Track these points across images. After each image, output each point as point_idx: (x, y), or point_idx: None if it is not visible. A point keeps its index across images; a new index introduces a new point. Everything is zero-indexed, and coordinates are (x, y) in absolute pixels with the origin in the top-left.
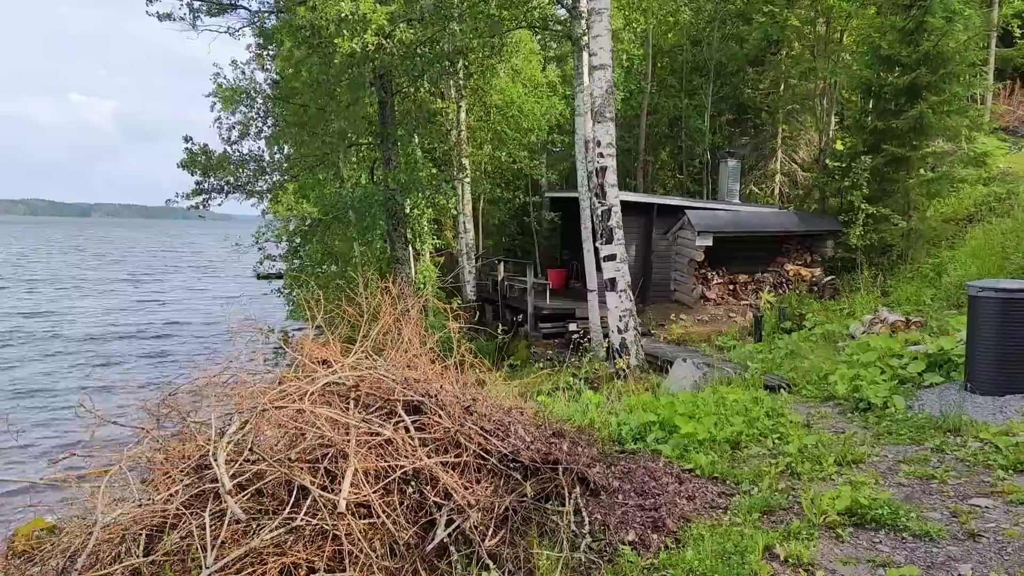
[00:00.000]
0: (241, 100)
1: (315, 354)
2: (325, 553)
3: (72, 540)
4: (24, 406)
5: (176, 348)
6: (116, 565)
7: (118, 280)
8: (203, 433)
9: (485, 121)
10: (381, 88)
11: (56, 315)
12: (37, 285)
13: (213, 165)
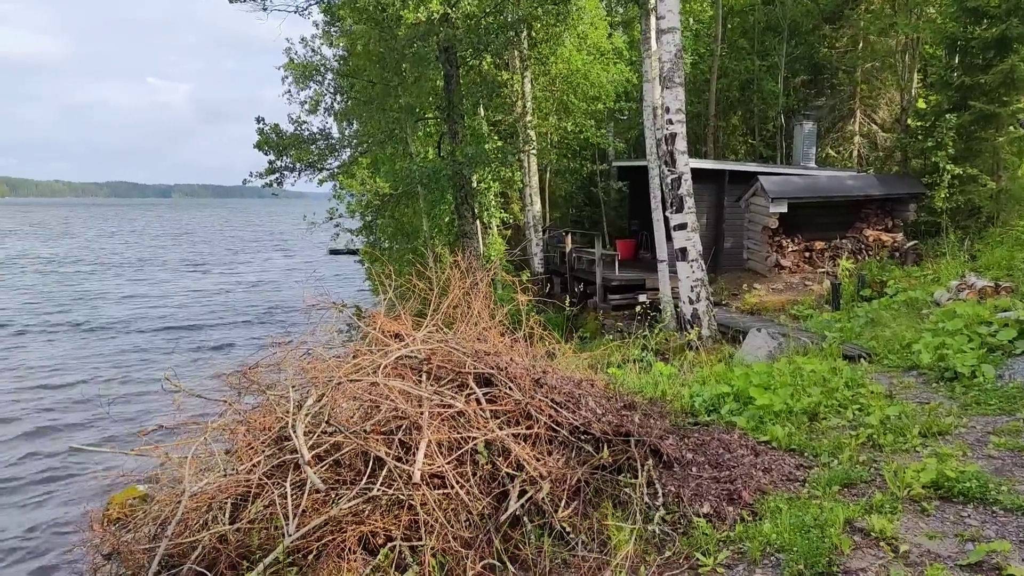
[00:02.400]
0: (311, 76)
1: (387, 328)
2: (402, 522)
3: (163, 508)
4: (116, 381)
5: (254, 323)
6: (204, 532)
7: (200, 259)
8: (282, 406)
9: (550, 91)
10: (446, 61)
11: (144, 295)
12: (127, 267)
13: (285, 144)
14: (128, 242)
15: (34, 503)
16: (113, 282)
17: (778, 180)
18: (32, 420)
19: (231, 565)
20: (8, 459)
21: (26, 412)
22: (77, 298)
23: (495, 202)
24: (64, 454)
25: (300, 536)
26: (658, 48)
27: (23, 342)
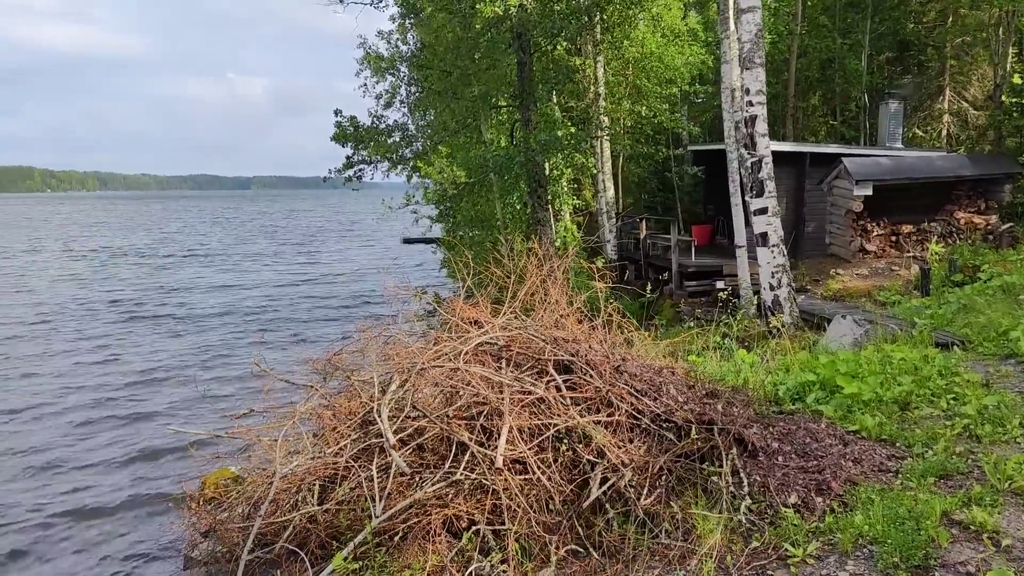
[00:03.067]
0: (387, 68)
1: (466, 315)
2: (485, 507)
3: (255, 489)
4: (209, 367)
5: (336, 310)
6: (294, 512)
7: (280, 249)
8: (366, 391)
9: (623, 75)
10: (519, 48)
11: (231, 284)
12: (213, 257)
13: (361, 136)
14: (211, 233)
15: (135, 481)
16: (201, 272)
17: (863, 161)
18: (134, 403)
19: (321, 544)
20: (112, 439)
21: (129, 396)
22: (169, 289)
23: (568, 189)
24: (163, 436)
25: (387, 518)
26: (737, 28)
27: (121, 330)
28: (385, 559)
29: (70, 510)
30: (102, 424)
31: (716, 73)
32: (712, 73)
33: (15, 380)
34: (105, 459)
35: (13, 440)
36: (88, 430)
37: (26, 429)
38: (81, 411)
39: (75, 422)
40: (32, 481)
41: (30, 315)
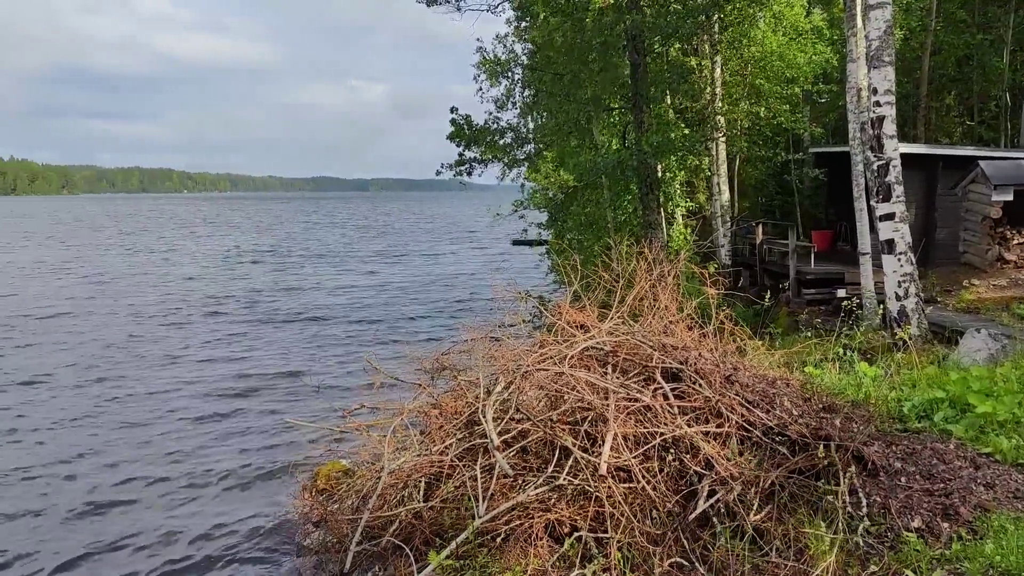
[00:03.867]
0: (502, 72)
1: (573, 319)
2: (588, 514)
3: (364, 483)
4: (324, 363)
5: (444, 311)
6: (400, 508)
7: (395, 250)
8: (472, 391)
9: (742, 75)
10: (633, 50)
11: (347, 285)
12: (332, 257)
13: (475, 134)
14: (329, 233)
15: (252, 470)
16: (319, 271)
17: (1003, 165)
18: (254, 397)
19: (425, 541)
20: (233, 429)
21: (248, 388)
22: (289, 287)
23: (681, 192)
24: (280, 427)
25: (489, 519)
26: (865, 25)
27: (244, 327)
28: (486, 560)
29: (192, 495)
30: (224, 414)
31: (841, 72)
32: (837, 72)
33: (154, 369)
34: (225, 448)
35: (142, 431)
36: (211, 420)
37: (154, 418)
38: (206, 402)
39: (201, 412)
40: (159, 467)
41: (164, 311)
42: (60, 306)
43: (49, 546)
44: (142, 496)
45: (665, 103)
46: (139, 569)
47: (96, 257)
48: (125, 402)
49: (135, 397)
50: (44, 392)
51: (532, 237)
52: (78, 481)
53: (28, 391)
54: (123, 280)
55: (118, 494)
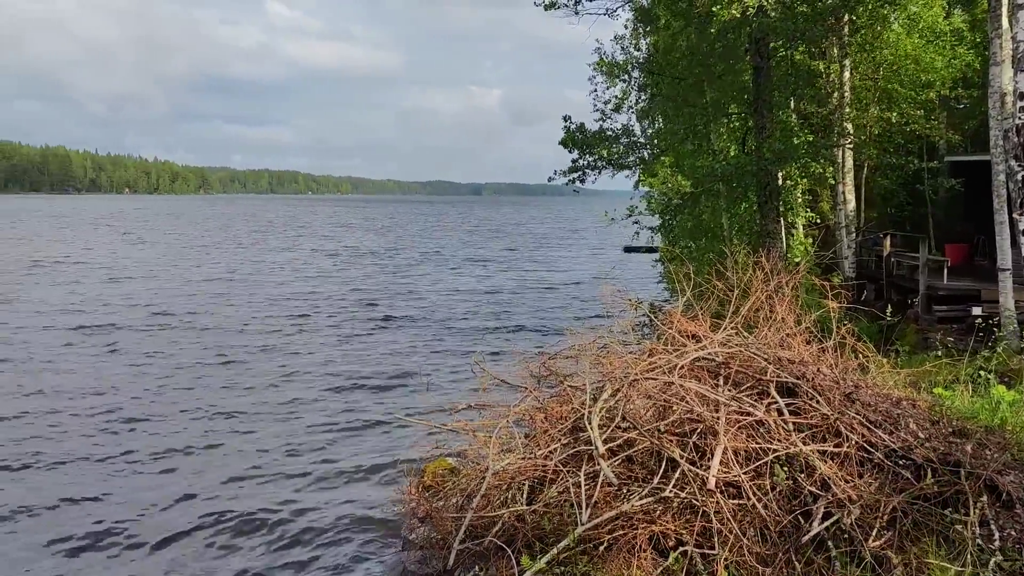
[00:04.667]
0: (618, 75)
1: (684, 328)
2: (694, 528)
3: (469, 482)
4: (431, 363)
5: (552, 316)
6: (503, 509)
7: (507, 255)
8: (578, 397)
9: (872, 79)
10: (756, 53)
11: (459, 287)
12: (445, 259)
13: (588, 141)
14: (444, 236)
15: (364, 464)
16: (432, 273)
17: None
18: (367, 393)
19: (527, 544)
20: (346, 423)
21: (361, 384)
22: (404, 289)
23: (802, 200)
24: (390, 424)
25: (592, 526)
26: (1012, 25)
27: (359, 327)
28: (588, 567)
29: (305, 485)
30: (338, 409)
31: (983, 76)
32: (977, 76)
33: (275, 364)
34: (338, 440)
35: (261, 422)
36: (325, 414)
37: (272, 410)
38: (321, 396)
39: (317, 406)
40: (274, 456)
41: (286, 309)
42: (194, 301)
43: (179, 521)
44: (258, 484)
45: (788, 108)
46: (253, 552)
47: (226, 255)
48: (244, 394)
49: (255, 390)
50: (180, 379)
51: (644, 243)
52: (195, 467)
53: (153, 380)
54: (252, 277)
55: (233, 482)
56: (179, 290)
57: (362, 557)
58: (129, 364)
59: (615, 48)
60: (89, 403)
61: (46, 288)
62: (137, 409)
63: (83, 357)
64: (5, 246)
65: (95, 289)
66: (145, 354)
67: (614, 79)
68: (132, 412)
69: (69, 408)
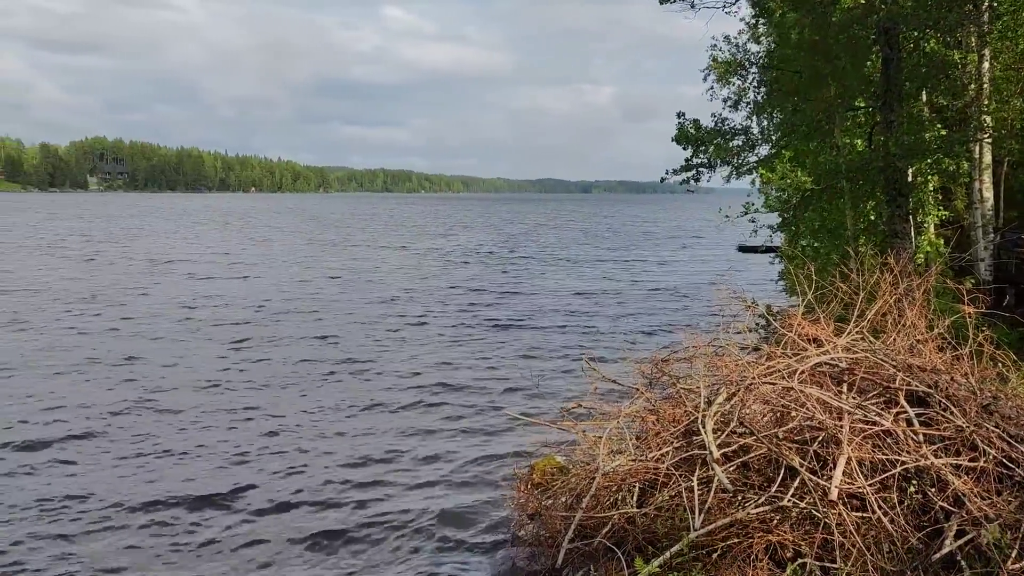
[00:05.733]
0: (734, 72)
1: (805, 331)
2: (815, 541)
3: (578, 482)
4: (541, 362)
5: (664, 316)
6: (613, 511)
7: (615, 254)
8: (691, 400)
9: (1016, 70)
10: (886, 44)
11: (565, 288)
12: (551, 260)
13: (703, 138)
14: (550, 235)
15: (474, 460)
16: (543, 273)
17: None
18: (478, 390)
19: (637, 547)
20: (458, 418)
21: (471, 380)
22: (512, 288)
23: (934, 199)
24: (500, 422)
25: (705, 532)
26: None
27: (469, 324)
28: (701, 574)
29: (416, 479)
30: (450, 403)
31: None
32: None
33: (388, 357)
34: (449, 435)
35: (374, 415)
36: (437, 408)
37: (386, 402)
38: (433, 392)
39: (429, 400)
40: (388, 452)
41: (397, 310)
42: (312, 298)
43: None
44: (373, 478)
45: (920, 101)
46: (366, 542)
47: (341, 252)
48: (360, 388)
49: (370, 384)
50: (297, 378)
51: (766, 242)
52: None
53: (270, 378)
54: (366, 275)
55: (349, 473)
56: (298, 288)
57: (471, 551)
58: (250, 360)
59: (730, 46)
60: (208, 399)
61: (173, 283)
62: (256, 406)
63: (205, 352)
64: (147, 242)
65: (219, 285)
66: (264, 351)
67: (729, 77)
68: (252, 409)
69: (189, 403)
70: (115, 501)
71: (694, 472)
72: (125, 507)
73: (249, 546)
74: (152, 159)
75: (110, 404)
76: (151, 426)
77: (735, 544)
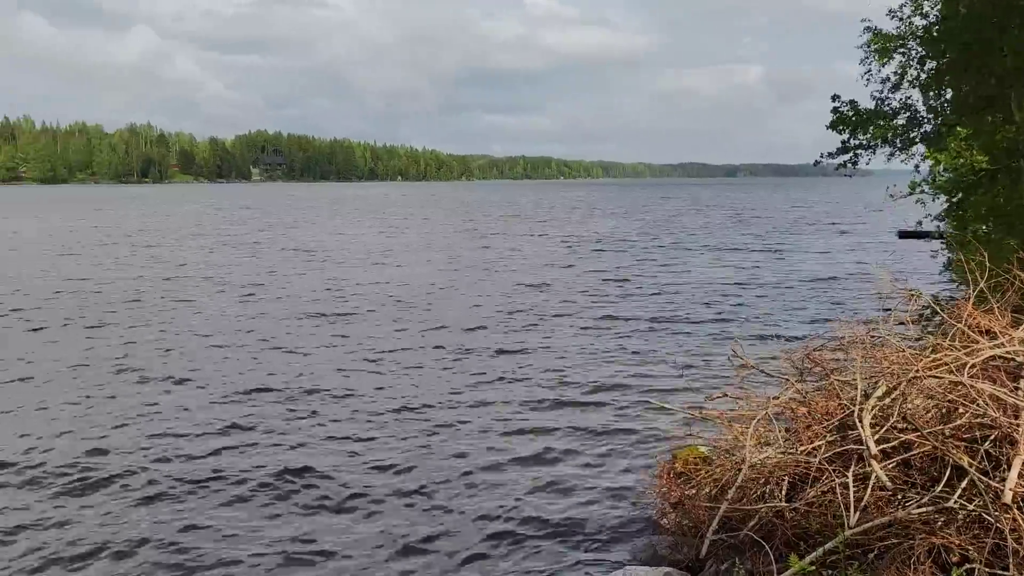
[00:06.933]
0: (895, 48)
1: (976, 322)
2: (984, 546)
3: (723, 473)
4: (686, 349)
5: (817, 303)
6: (760, 504)
7: (764, 240)
8: (846, 392)
9: None
10: None
11: (710, 275)
12: (694, 246)
13: (861, 120)
14: (696, 221)
15: (614, 445)
16: (687, 260)
17: None
18: (620, 374)
19: (786, 542)
20: (598, 403)
21: (616, 367)
22: (654, 273)
23: None
24: (642, 407)
25: (861, 531)
26: None
27: (610, 309)
28: (857, 574)
29: (556, 460)
30: (591, 392)
31: None
32: None
33: (535, 341)
34: (589, 420)
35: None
36: (577, 390)
37: (531, 385)
38: (573, 373)
39: (567, 386)
40: (530, 434)
41: (541, 295)
42: (445, 289)
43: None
44: (511, 460)
45: None
46: (508, 524)
47: (475, 241)
48: (503, 374)
49: (513, 370)
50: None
51: (937, 228)
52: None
53: (396, 368)
54: (499, 264)
55: (492, 457)
56: (432, 277)
57: (612, 537)
58: (372, 351)
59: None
60: (330, 383)
61: (310, 272)
62: (385, 398)
63: (326, 340)
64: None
65: (352, 273)
66: (391, 341)
67: (889, 54)
68: (377, 400)
69: (309, 389)
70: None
71: (849, 468)
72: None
73: (406, 537)
74: (307, 150)
75: (256, 390)
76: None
77: (894, 545)
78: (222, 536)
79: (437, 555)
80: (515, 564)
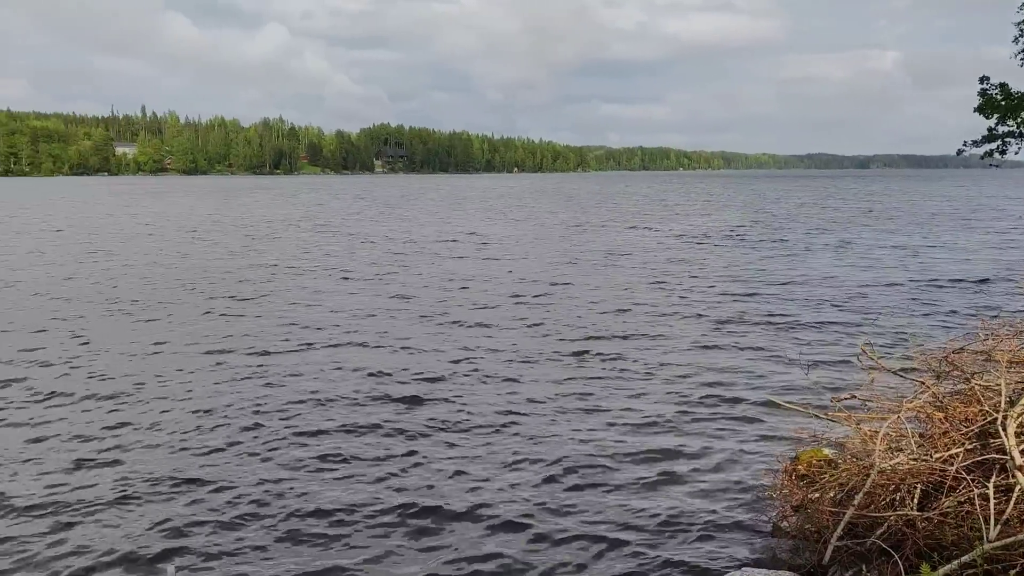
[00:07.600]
0: None
1: None
2: None
3: (849, 477)
4: (812, 347)
5: (950, 307)
6: (889, 511)
7: (900, 237)
8: (988, 398)
9: None
10: None
11: (838, 273)
12: (818, 244)
13: (1012, 106)
14: (823, 216)
15: (734, 448)
16: (810, 258)
17: None
18: (741, 374)
19: (917, 552)
20: (718, 401)
21: (737, 367)
22: (776, 270)
23: None
24: (765, 406)
25: (1002, 545)
26: None
27: (729, 313)
28: None
29: (671, 461)
30: (710, 388)
31: None
32: None
33: (654, 338)
34: (711, 419)
35: (633, 395)
36: (695, 392)
37: (649, 380)
38: (689, 370)
39: (688, 383)
40: (647, 429)
41: (661, 294)
42: (559, 283)
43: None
44: (623, 455)
45: None
46: (627, 516)
47: (587, 236)
48: (620, 374)
49: (629, 367)
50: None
51: None
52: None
53: (502, 366)
54: (611, 258)
55: (611, 451)
56: (542, 271)
57: (731, 538)
58: (475, 347)
59: None
60: (443, 386)
61: (423, 265)
62: (486, 394)
63: (425, 330)
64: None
65: (459, 266)
66: (499, 338)
67: None
68: (474, 396)
69: (422, 394)
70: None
71: (989, 478)
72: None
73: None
74: (427, 143)
75: (358, 380)
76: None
77: None
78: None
79: (568, 548)
80: (634, 556)
